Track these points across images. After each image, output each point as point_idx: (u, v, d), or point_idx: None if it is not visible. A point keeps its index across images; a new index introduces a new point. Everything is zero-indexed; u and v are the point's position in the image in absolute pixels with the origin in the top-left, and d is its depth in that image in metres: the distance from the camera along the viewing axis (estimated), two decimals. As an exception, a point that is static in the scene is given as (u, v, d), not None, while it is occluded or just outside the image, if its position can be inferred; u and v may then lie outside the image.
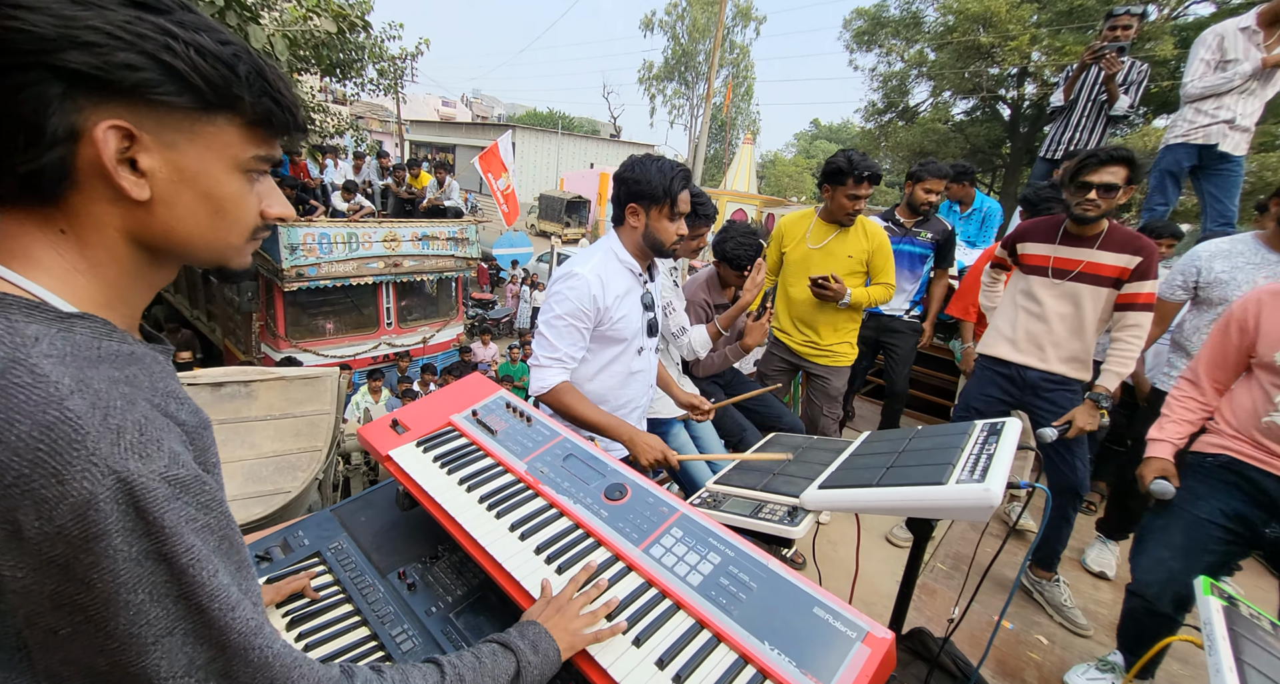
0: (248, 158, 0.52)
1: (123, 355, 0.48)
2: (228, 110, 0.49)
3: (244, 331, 7.05)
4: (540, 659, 0.71)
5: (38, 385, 0.40)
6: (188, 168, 0.48)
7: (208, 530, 0.46)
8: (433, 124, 32.67)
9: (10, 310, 0.43)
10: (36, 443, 0.39)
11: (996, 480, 0.98)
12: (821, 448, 1.51)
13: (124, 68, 0.43)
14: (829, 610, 0.77)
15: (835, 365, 2.62)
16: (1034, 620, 2.17)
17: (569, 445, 1.13)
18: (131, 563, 0.41)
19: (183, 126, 0.47)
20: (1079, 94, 3.68)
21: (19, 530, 0.39)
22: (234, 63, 0.48)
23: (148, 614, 0.42)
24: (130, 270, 0.51)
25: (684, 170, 1.55)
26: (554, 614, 0.78)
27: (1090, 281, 2.04)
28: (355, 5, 8.41)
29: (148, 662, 0.42)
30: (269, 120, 0.52)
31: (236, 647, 0.46)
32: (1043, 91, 15.14)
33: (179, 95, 0.46)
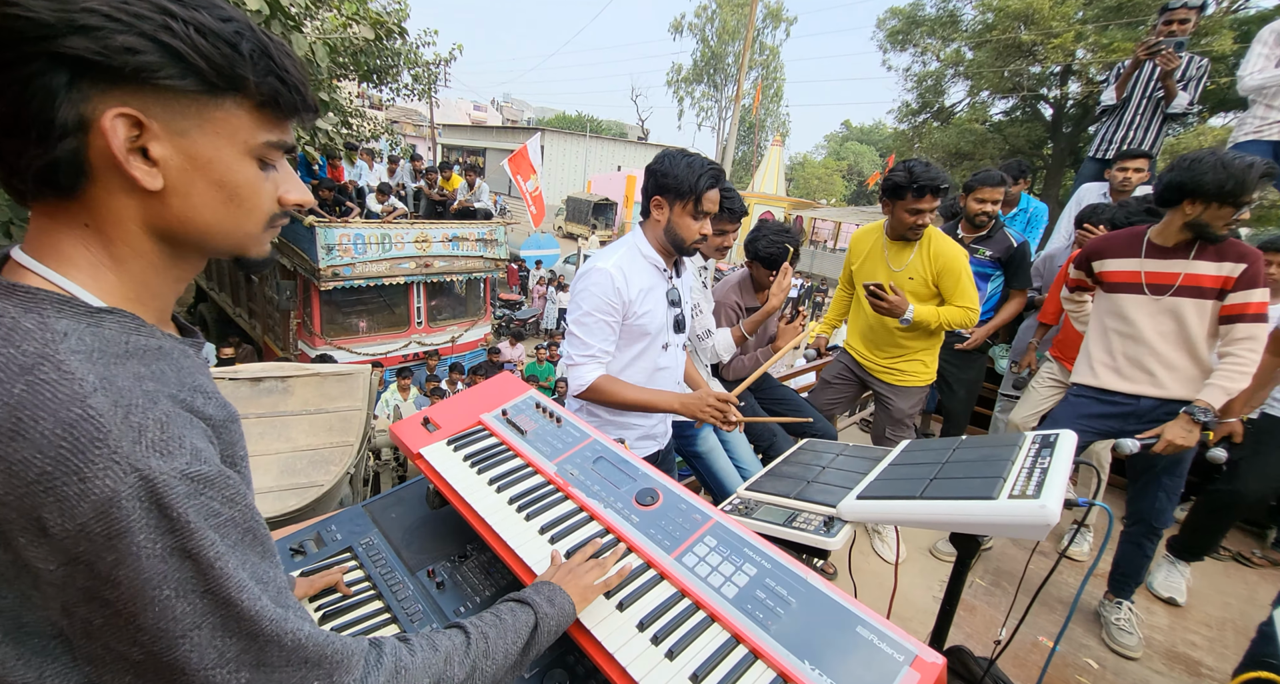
0: (259, 143, 0.51)
1: (150, 350, 0.48)
2: (235, 92, 0.48)
3: (282, 329, 7.30)
4: (556, 611, 0.73)
5: (63, 382, 0.41)
6: (200, 155, 0.48)
7: (230, 525, 0.46)
8: (464, 128, 33.35)
9: (42, 305, 0.44)
10: (59, 441, 0.39)
11: (1053, 497, 0.92)
12: (858, 455, 1.45)
13: (124, 51, 0.42)
14: (874, 630, 0.73)
15: (901, 385, 2.39)
16: (1082, 642, 2.05)
17: (599, 447, 1.11)
18: (155, 560, 0.41)
19: (191, 112, 0.46)
20: (1133, 91, 3.49)
21: (44, 528, 0.39)
22: (236, 41, 0.47)
23: (174, 609, 0.42)
24: (155, 264, 0.51)
25: (714, 169, 1.51)
26: (565, 575, 0.80)
27: (1192, 294, 1.84)
28: (393, 13, 8.63)
29: (178, 654, 0.43)
30: (276, 101, 0.50)
31: (269, 635, 0.46)
32: (1088, 90, 14.54)
33: (183, 79, 0.45)
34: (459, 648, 0.62)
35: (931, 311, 2.22)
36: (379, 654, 0.56)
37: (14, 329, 0.42)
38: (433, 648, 0.60)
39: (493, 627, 0.67)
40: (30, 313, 0.43)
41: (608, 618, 0.79)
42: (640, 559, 0.88)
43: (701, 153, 1.57)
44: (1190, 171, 1.72)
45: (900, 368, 2.38)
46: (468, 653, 0.63)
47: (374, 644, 0.57)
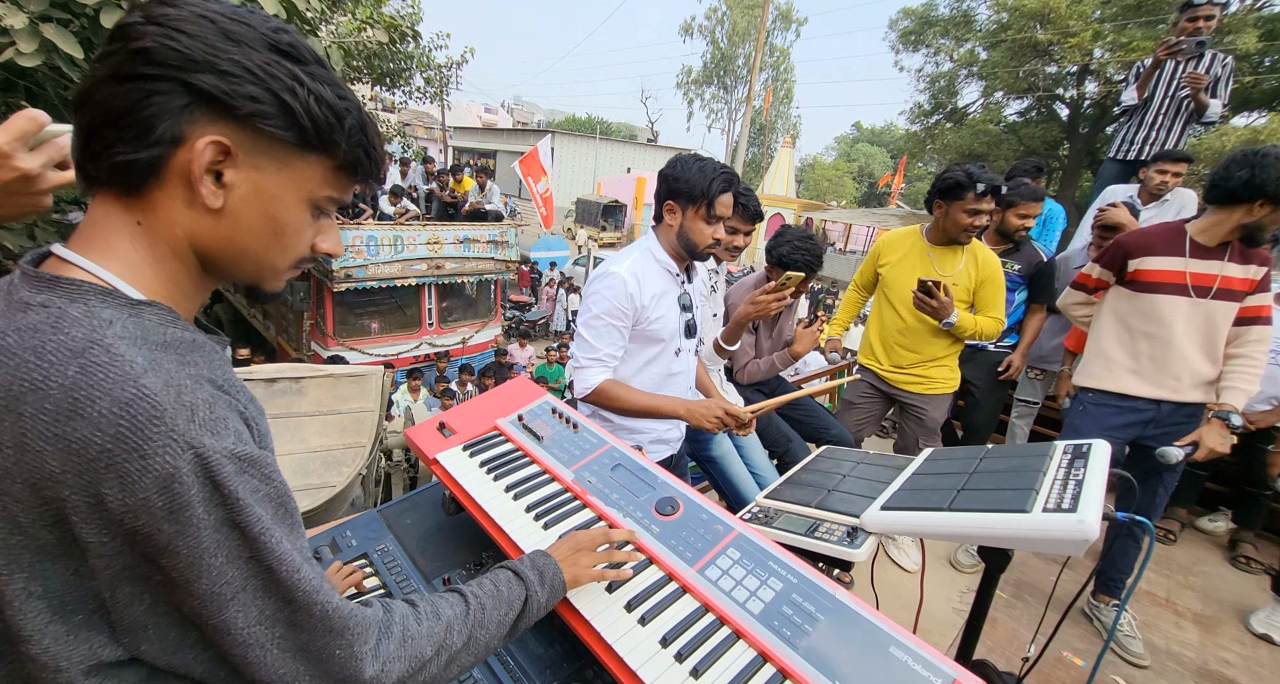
0: (322, 196, 0.56)
1: (186, 342, 0.51)
2: (322, 152, 0.54)
3: (296, 330, 7.37)
4: (547, 590, 0.75)
5: (114, 364, 0.43)
6: (265, 190, 0.52)
7: (269, 500, 0.49)
8: (475, 130, 33.58)
9: (87, 295, 0.46)
10: (118, 419, 0.41)
11: (1091, 511, 0.88)
12: (879, 464, 1.42)
13: (247, 98, 0.48)
14: (908, 651, 0.70)
15: (931, 393, 2.32)
16: (1108, 660, 1.99)
17: (617, 454, 1.09)
18: (211, 530, 0.44)
19: (277, 156, 0.52)
20: (1154, 91, 3.41)
21: (102, 502, 0.41)
22: (343, 114, 0.53)
23: (226, 574, 0.46)
24: (189, 270, 0.54)
25: (727, 173, 1.49)
26: (569, 548, 0.81)
27: (1226, 298, 1.81)
28: (406, 16, 8.70)
29: (227, 615, 0.46)
30: (355, 168, 0.57)
31: (301, 602, 0.50)
32: (1105, 90, 14.30)
33: (285, 130, 0.50)
34: (459, 617, 0.65)
35: (970, 319, 2.19)
36: (389, 621, 0.58)
37: (61, 317, 0.44)
38: (436, 616, 0.63)
39: (490, 597, 0.69)
40: (76, 303, 0.46)
41: (630, 632, 0.77)
42: (662, 571, 0.86)
43: (713, 156, 1.55)
44: (1272, 171, 1.63)
45: (928, 375, 2.32)
46: (466, 622, 0.65)
47: (386, 611, 0.60)
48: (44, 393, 0.41)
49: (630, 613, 0.79)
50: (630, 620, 0.78)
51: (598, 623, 0.78)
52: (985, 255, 2.23)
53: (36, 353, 0.42)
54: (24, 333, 0.43)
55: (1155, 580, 2.44)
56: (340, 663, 0.52)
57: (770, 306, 1.74)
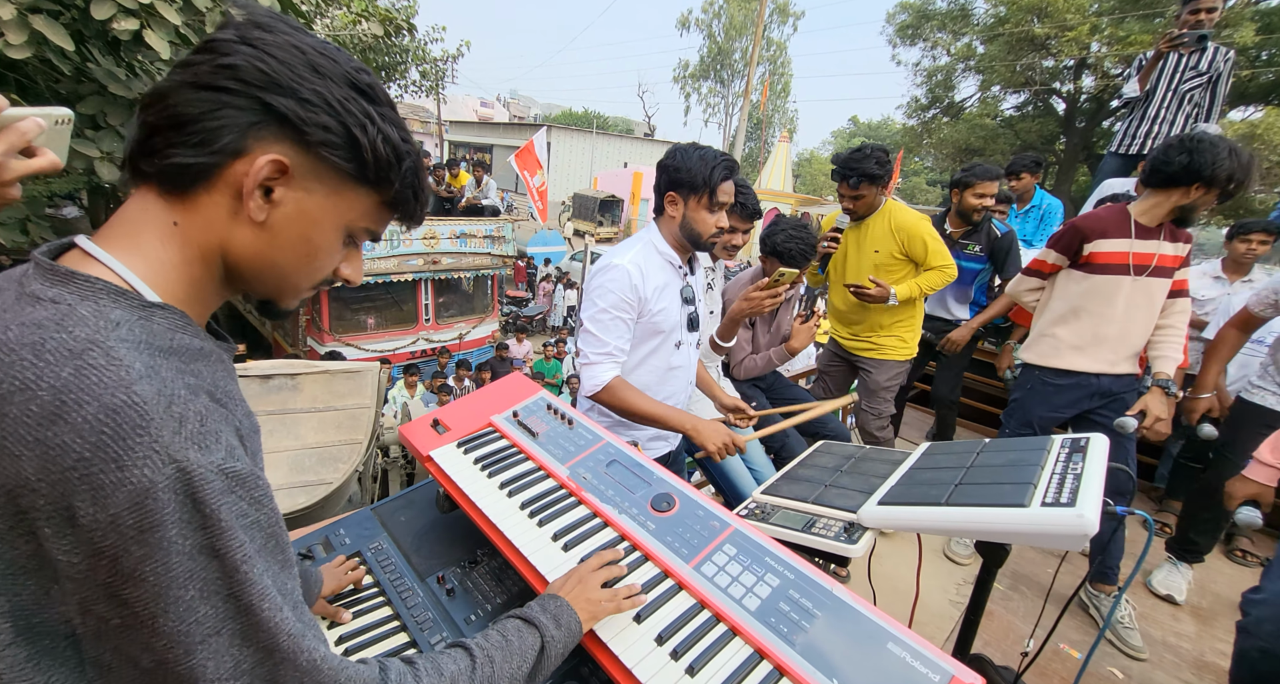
0: (360, 227, 0.58)
1: (192, 349, 0.50)
2: (374, 187, 0.55)
3: (291, 325, 7.33)
4: (563, 632, 0.71)
5: (110, 368, 0.41)
6: (309, 212, 0.53)
7: (257, 527, 0.46)
8: (471, 124, 33.39)
9: (100, 294, 0.45)
10: (101, 426, 0.39)
11: (1090, 505, 0.88)
12: (876, 459, 1.41)
13: (319, 127, 0.50)
14: (906, 647, 0.69)
15: (879, 358, 2.51)
16: (1106, 651, 2.00)
17: (612, 450, 1.08)
18: (184, 557, 0.41)
19: (330, 182, 0.53)
20: (1156, 83, 3.39)
21: (73, 517, 0.38)
22: (404, 156, 0.55)
23: (197, 612, 0.41)
24: (213, 277, 0.54)
25: (728, 160, 1.47)
26: (575, 586, 0.77)
27: (1161, 275, 1.97)
28: (401, 9, 8.62)
29: (195, 661, 0.41)
30: (399, 206, 0.59)
31: (285, 651, 0.45)
32: (1102, 84, 14.27)
33: (347, 161, 0.52)
34: (464, 673, 0.60)
35: (912, 286, 2.33)
36: (383, 678, 0.54)
37: (69, 315, 0.43)
38: (438, 673, 0.58)
39: (499, 649, 0.65)
40: (86, 300, 0.45)
41: (625, 630, 0.76)
42: (658, 568, 0.85)
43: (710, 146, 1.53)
44: (1207, 157, 1.74)
45: (879, 342, 2.50)
46: (472, 677, 0.61)
47: (381, 670, 0.55)
48: (32, 394, 0.39)
49: (626, 611, 0.78)
50: (625, 618, 0.78)
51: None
52: (901, 215, 2.35)
53: (35, 351, 0.40)
54: (27, 328, 0.41)
55: (1147, 573, 2.45)
56: None
57: (764, 303, 1.73)
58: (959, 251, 2.80)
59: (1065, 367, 2.08)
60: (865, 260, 2.42)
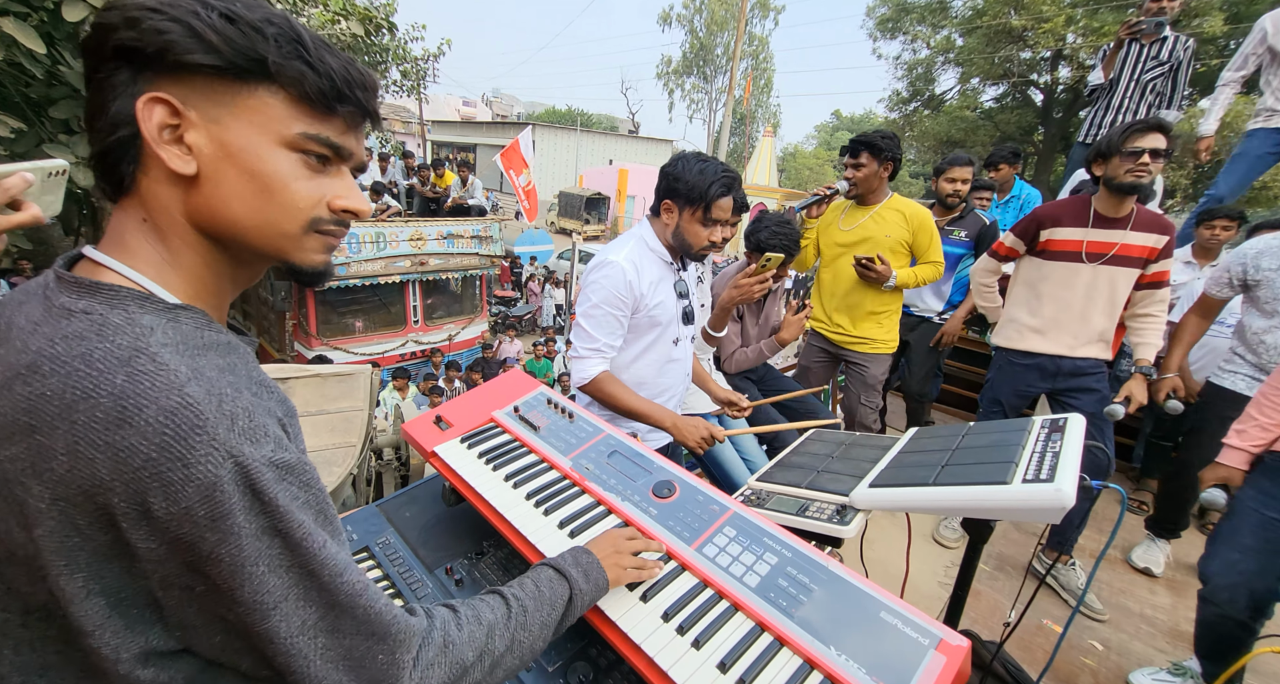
0: (294, 134, 0.51)
1: (222, 345, 0.51)
2: (267, 80, 0.49)
3: (278, 330, 7.24)
4: (591, 586, 0.75)
5: (160, 373, 0.43)
6: (231, 142, 0.49)
7: (309, 507, 0.49)
8: (454, 124, 33.05)
9: (126, 302, 0.47)
10: (163, 428, 0.42)
11: (1067, 480, 0.93)
12: (865, 445, 1.46)
13: (154, 33, 0.45)
14: (897, 615, 0.74)
15: (873, 353, 2.55)
16: (1085, 625, 2.08)
17: (613, 441, 1.11)
18: (252, 538, 0.44)
19: (225, 99, 0.48)
20: (1120, 73, 3.49)
21: (148, 510, 0.42)
22: (262, 26, 0.48)
23: (268, 583, 0.45)
24: (208, 261, 0.53)
25: (728, 177, 1.48)
26: (609, 546, 0.81)
27: (1124, 264, 2.03)
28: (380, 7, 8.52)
29: (270, 623, 0.46)
30: (305, 88, 0.50)
31: (345, 605, 0.50)
32: (1078, 75, 14.52)
33: (205, 55, 0.47)
34: (500, 620, 0.64)
35: (909, 273, 2.40)
36: (430, 628, 0.58)
37: (105, 325, 0.45)
38: (477, 621, 0.62)
39: (531, 598, 0.69)
40: (116, 309, 0.46)
41: (631, 609, 0.80)
42: (662, 550, 0.89)
43: (696, 147, 1.56)
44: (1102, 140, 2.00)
45: (870, 337, 2.53)
46: (508, 625, 0.64)
47: (429, 617, 0.59)
48: (95, 401, 0.41)
49: (633, 591, 0.82)
50: (633, 598, 0.81)
51: (602, 602, 0.80)
52: (911, 207, 2.40)
53: (85, 361, 0.42)
54: (71, 341, 0.43)
55: (1126, 549, 2.55)
56: (382, 669, 0.52)
57: (753, 290, 1.76)
58: (945, 237, 2.87)
59: (1026, 348, 2.21)
60: (877, 247, 2.42)
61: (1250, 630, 1.53)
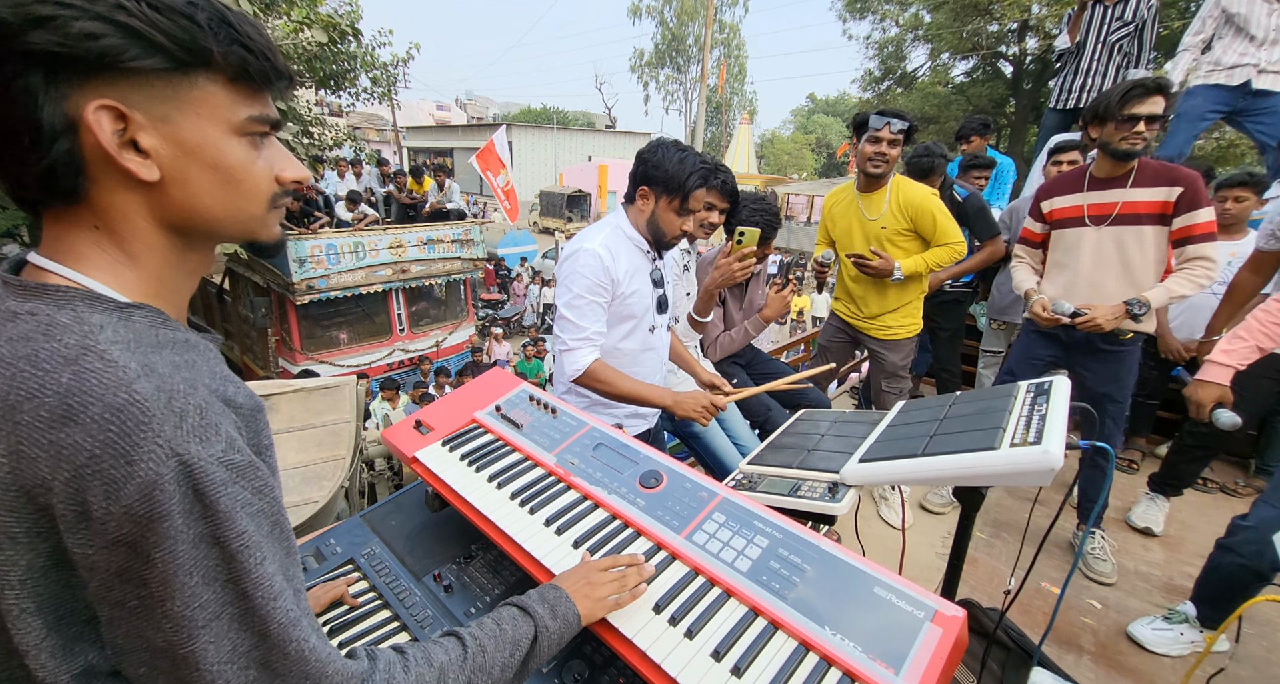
0: (242, 120, 0.50)
1: (179, 342, 0.49)
2: (205, 68, 0.47)
3: (261, 347, 7.14)
4: (560, 624, 0.70)
5: (108, 370, 0.42)
6: (188, 140, 0.48)
7: (261, 515, 0.47)
8: (429, 129, 32.66)
9: (74, 302, 0.45)
10: (108, 424, 0.40)
11: (1054, 442, 0.92)
12: (855, 420, 1.45)
13: (85, 38, 0.41)
14: (891, 589, 0.73)
15: (890, 339, 2.46)
16: (1084, 585, 2.10)
17: (597, 434, 1.09)
18: (189, 545, 0.42)
19: (168, 95, 0.46)
20: (1086, 35, 3.49)
21: (87, 511, 0.40)
22: (192, 13, 0.46)
23: (200, 597, 0.43)
24: (169, 258, 0.52)
25: (706, 168, 1.46)
26: (581, 579, 0.76)
27: (1130, 222, 1.94)
28: (345, 15, 8.35)
29: (197, 645, 0.43)
30: (247, 71, 0.49)
31: (276, 637, 0.46)
32: (1045, 45, 14.62)
33: (148, 57, 0.44)
34: (454, 662, 0.60)
35: (918, 261, 2.27)
36: (371, 672, 0.54)
37: (51, 324, 0.43)
38: (428, 663, 0.58)
39: (491, 638, 0.64)
40: (64, 309, 0.44)
41: (623, 603, 0.78)
42: (650, 542, 0.87)
43: (676, 139, 1.54)
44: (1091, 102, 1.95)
45: (890, 323, 2.45)
46: (464, 667, 0.60)
47: (370, 659, 0.56)
48: (40, 400, 0.40)
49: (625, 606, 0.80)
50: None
51: (591, 597, 0.78)
52: (909, 190, 2.28)
53: (31, 361, 0.41)
54: (16, 342, 0.42)
55: (1120, 508, 2.58)
56: None
57: (734, 269, 1.73)
58: None
59: None
60: (872, 230, 2.35)
61: (1265, 580, 1.56)
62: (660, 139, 1.51)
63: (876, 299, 2.44)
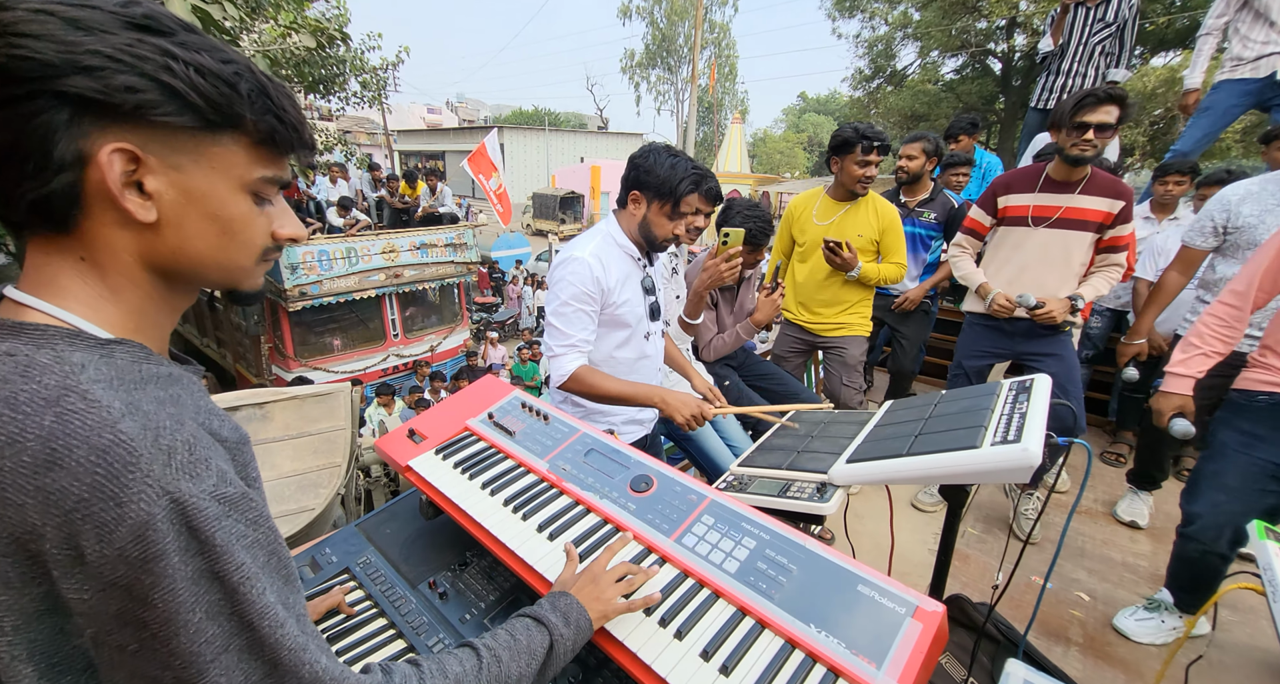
0: (255, 179, 0.52)
1: (163, 376, 0.49)
2: (232, 129, 0.49)
3: (254, 355, 7.10)
4: (573, 631, 0.71)
5: (91, 411, 0.41)
6: (194, 189, 0.48)
7: (257, 546, 0.47)
8: (420, 132, 32.56)
9: (54, 340, 0.44)
10: (94, 467, 0.40)
11: (1033, 439, 0.94)
12: (843, 421, 1.47)
13: (125, 90, 0.43)
14: (874, 587, 0.75)
15: (849, 335, 2.58)
16: (1072, 578, 2.14)
17: (589, 440, 1.11)
18: (188, 582, 0.42)
19: (188, 147, 0.47)
20: (1068, 38, 3.55)
21: (81, 555, 0.40)
22: (235, 81, 0.47)
23: (206, 632, 0.43)
24: (151, 295, 0.51)
25: (698, 173, 1.47)
26: (587, 584, 0.77)
27: (1074, 227, 2.07)
28: (333, 19, 8.32)
29: (207, 679, 0.43)
30: (273, 138, 0.51)
31: (287, 664, 0.46)
32: (1033, 41, 14.72)
33: (180, 115, 0.46)
34: (470, 673, 0.61)
35: (873, 267, 2.45)
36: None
37: (30, 365, 0.42)
38: (443, 675, 0.59)
39: (506, 648, 0.65)
40: (43, 349, 0.44)
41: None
42: (641, 545, 0.89)
43: (666, 139, 1.56)
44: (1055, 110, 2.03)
45: (843, 321, 2.57)
46: (479, 677, 0.61)
47: (385, 674, 0.56)
48: (21, 445, 0.40)
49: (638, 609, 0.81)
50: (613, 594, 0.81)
51: (583, 601, 0.80)
52: (884, 207, 2.45)
53: (9, 404, 0.41)
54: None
55: (1108, 502, 2.61)
56: None
57: (722, 270, 1.75)
58: (914, 219, 2.92)
59: (981, 309, 2.29)
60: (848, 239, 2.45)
61: (1228, 560, 1.63)
62: (652, 144, 1.53)
63: (835, 307, 2.55)
